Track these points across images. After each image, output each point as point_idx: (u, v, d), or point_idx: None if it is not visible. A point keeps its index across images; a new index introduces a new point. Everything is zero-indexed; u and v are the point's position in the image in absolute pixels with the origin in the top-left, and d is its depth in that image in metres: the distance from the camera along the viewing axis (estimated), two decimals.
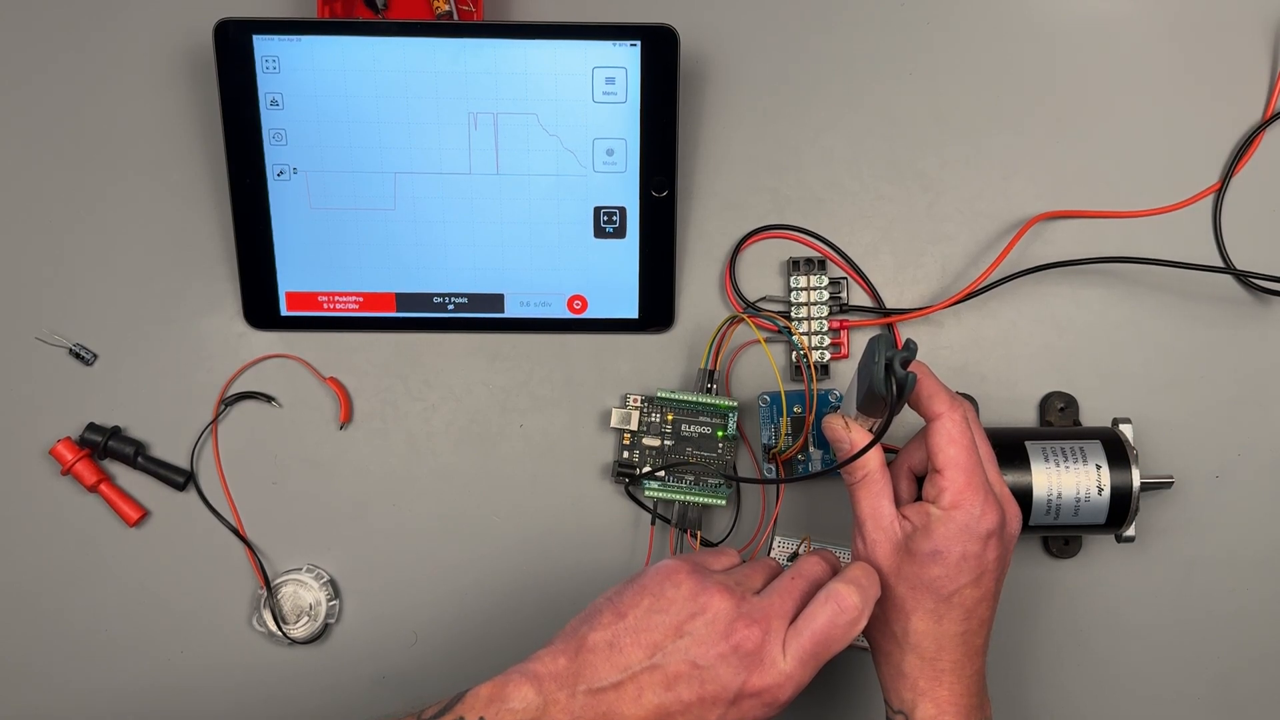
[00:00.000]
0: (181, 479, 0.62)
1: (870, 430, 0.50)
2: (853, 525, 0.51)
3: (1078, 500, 0.56)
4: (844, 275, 0.63)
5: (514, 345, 0.63)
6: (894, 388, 0.46)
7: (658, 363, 0.63)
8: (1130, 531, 0.59)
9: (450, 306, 0.62)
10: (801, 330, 0.62)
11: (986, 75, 0.64)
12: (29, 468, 0.63)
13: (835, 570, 0.51)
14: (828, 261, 0.63)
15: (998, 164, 0.64)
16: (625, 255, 0.62)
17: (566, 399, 0.63)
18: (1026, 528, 0.57)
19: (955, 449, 0.48)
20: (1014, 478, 0.56)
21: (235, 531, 0.63)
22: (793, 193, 0.64)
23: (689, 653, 0.45)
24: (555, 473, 0.63)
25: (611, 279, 0.62)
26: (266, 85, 0.59)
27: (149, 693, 0.63)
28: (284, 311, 0.63)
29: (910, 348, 0.46)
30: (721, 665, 0.45)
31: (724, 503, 0.61)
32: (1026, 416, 0.63)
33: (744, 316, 0.62)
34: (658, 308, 0.63)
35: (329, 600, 0.62)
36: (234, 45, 0.58)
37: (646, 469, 0.62)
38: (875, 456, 0.50)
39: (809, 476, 0.62)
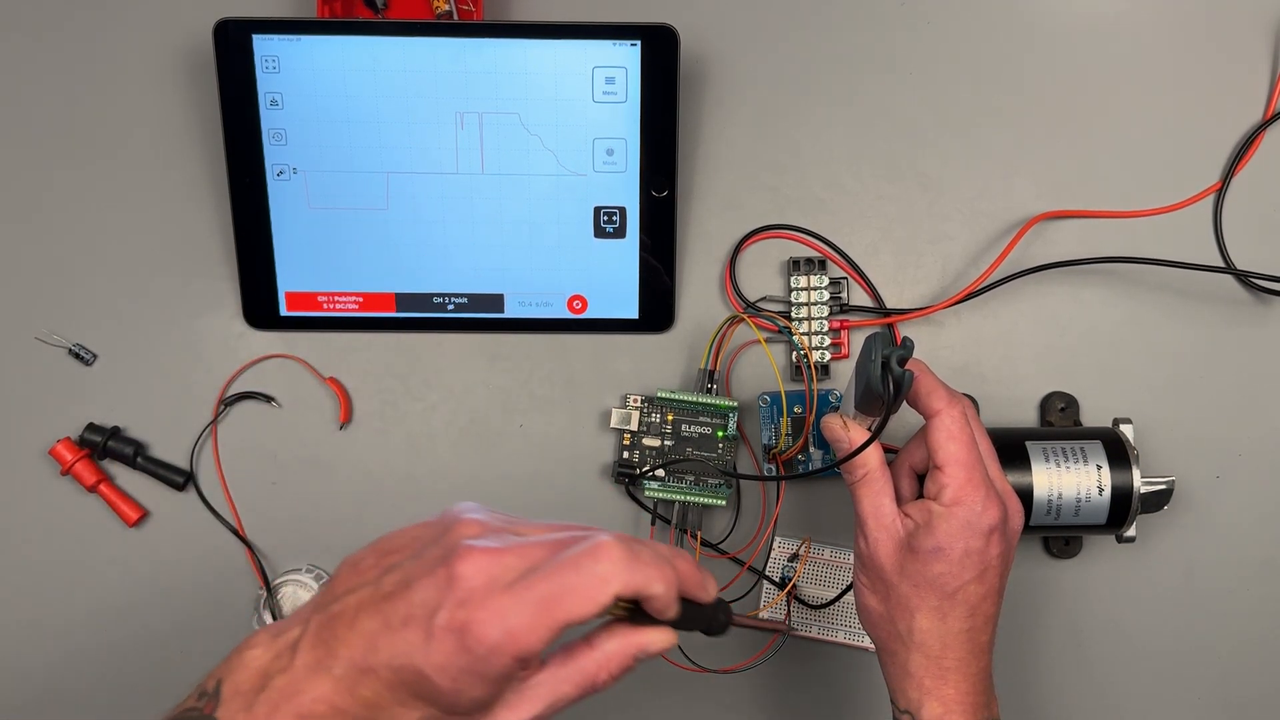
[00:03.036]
0: (181, 479, 0.62)
1: (869, 429, 0.50)
2: (855, 524, 0.51)
3: (1078, 500, 0.56)
4: (844, 275, 0.63)
5: (514, 345, 0.63)
6: (891, 386, 0.46)
7: (658, 363, 0.63)
8: (1131, 532, 0.59)
9: (450, 306, 0.62)
10: (802, 330, 0.62)
11: (987, 75, 0.64)
12: (29, 468, 0.63)
13: None
14: (828, 261, 0.63)
15: (998, 164, 0.64)
16: (625, 255, 0.62)
17: (566, 399, 0.63)
18: (1027, 528, 0.57)
19: (955, 445, 0.48)
20: (1015, 478, 0.56)
21: (235, 531, 0.63)
22: (793, 193, 0.64)
23: (407, 575, 0.38)
24: (555, 473, 0.63)
25: (611, 279, 0.62)
26: (266, 85, 0.59)
27: (149, 693, 0.62)
28: (284, 311, 0.63)
29: (907, 346, 0.46)
30: (431, 589, 0.37)
31: (724, 503, 0.61)
32: (1027, 416, 0.63)
33: (744, 316, 0.62)
34: (658, 308, 0.63)
35: None
36: (234, 45, 0.58)
37: (646, 469, 0.62)
38: (875, 455, 0.50)
39: (809, 475, 0.62)
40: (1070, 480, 0.56)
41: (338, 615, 0.39)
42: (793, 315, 0.63)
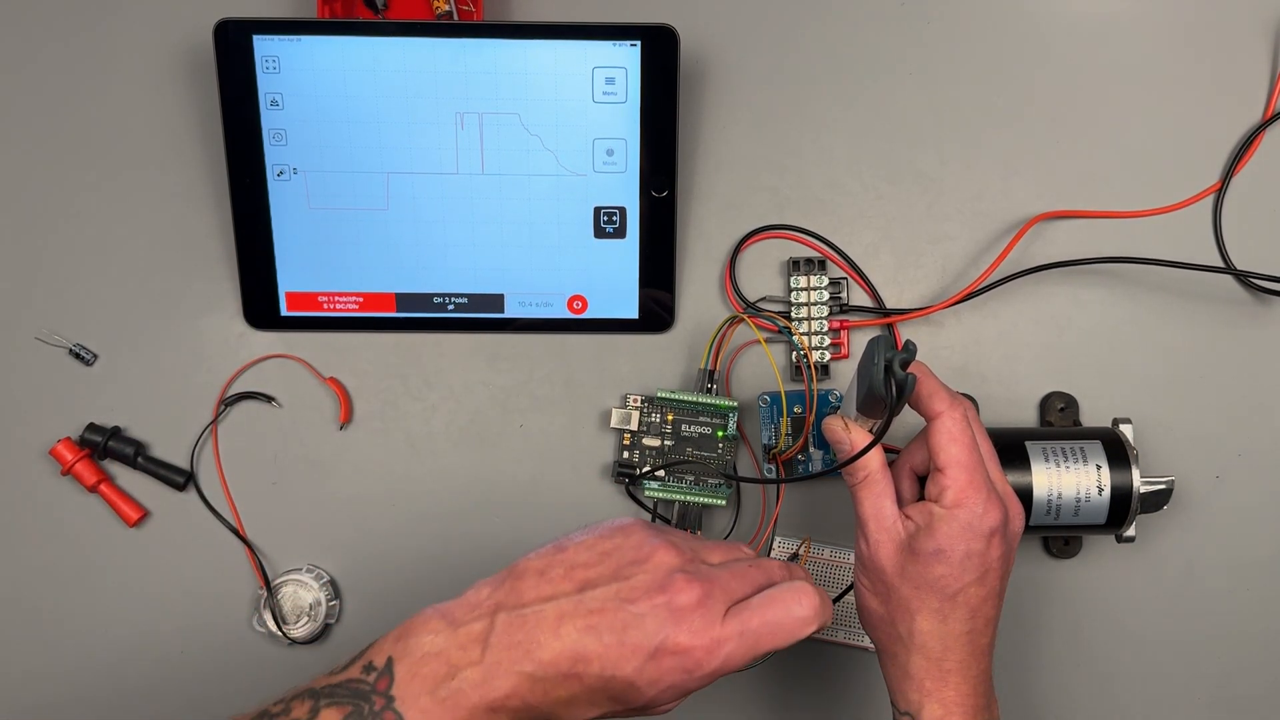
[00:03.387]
0: (181, 479, 0.62)
1: (870, 431, 0.50)
2: (855, 526, 0.51)
3: (1078, 500, 0.56)
4: (844, 275, 0.63)
5: (514, 345, 0.63)
6: (893, 389, 0.46)
7: (658, 363, 0.63)
8: (1130, 531, 0.59)
9: (450, 306, 0.62)
10: (801, 330, 0.62)
11: (987, 75, 0.64)
12: (29, 468, 0.63)
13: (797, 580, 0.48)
14: (828, 261, 0.63)
15: (998, 164, 0.64)
16: (625, 255, 0.62)
17: (566, 399, 0.63)
18: (1027, 528, 0.57)
19: (956, 447, 0.48)
20: (1014, 478, 0.56)
21: (235, 531, 0.63)
22: (793, 193, 0.64)
23: (620, 595, 0.43)
24: (555, 473, 0.63)
25: (611, 279, 0.62)
26: (266, 85, 0.59)
27: (149, 693, 0.63)
28: (284, 311, 0.63)
29: (910, 349, 0.46)
30: (650, 614, 0.42)
31: (724, 503, 0.61)
32: (1026, 416, 0.63)
33: (744, 316, 0.62)
34: (658, 308, 0.63)
35: (329, 600, 0.62)
36: (234, 45, 0.58)
37: (646, 469, 0.62)
38: (876, 457, 0.50)
39: (809, 477, 0.62)
40: (1070, 480, 0.56)
41: (534, 619, 0.42)
42: (793, 315, 0.63)
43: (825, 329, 0.63)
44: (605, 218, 0.61)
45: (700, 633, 0.42)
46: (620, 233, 0.62)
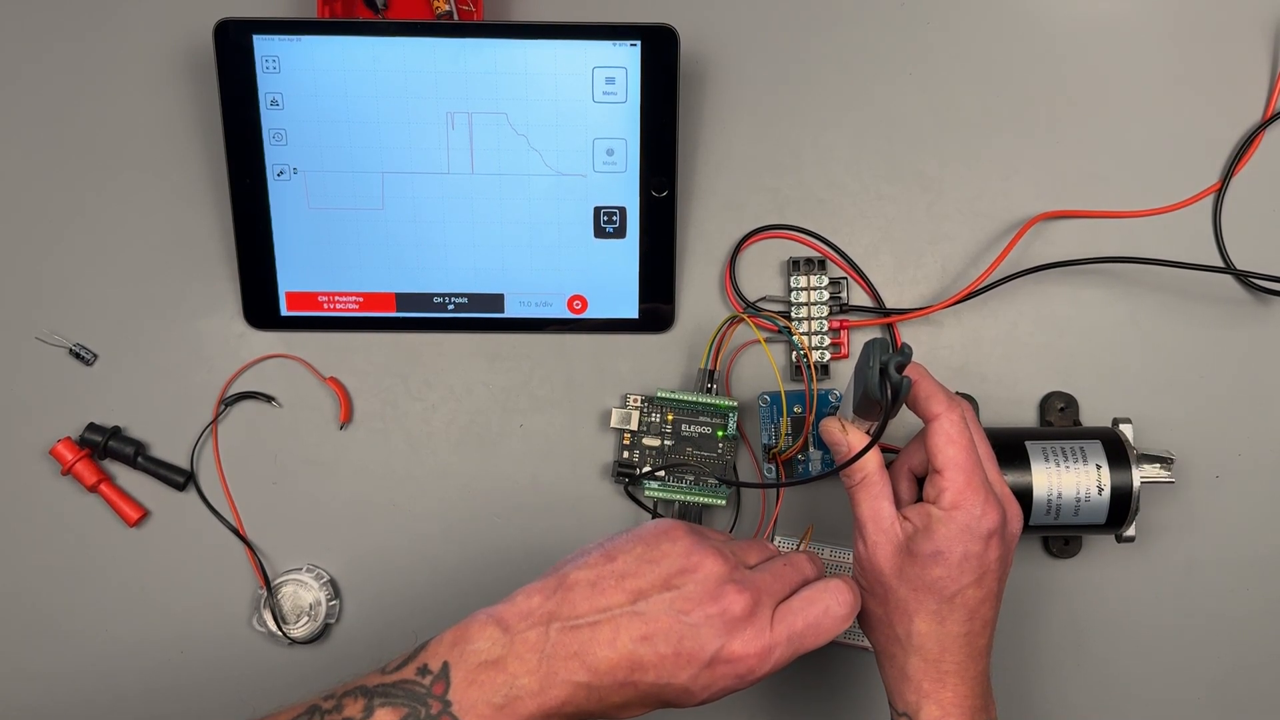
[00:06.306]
0: (181, 479, 0.62)
1: (868, 433, 0.50)
2: (853, 527, 0.51)
3: (1078, 500, 0.56)
4: (844, 275, 0.63)
5: (514, 345, 0.63)
6: (889, 392, 0.46)
7: (658, 363, 0.63)
8: (1130, 531, 0.59)
9: (450, 306, 0.62)
10: (801, 330, 0.62)
11: (987, 75, 0.64)
12: (29, 468, 0.63)
13: (823, 574, 0.50)
14: (828, 261, 0.63)
15: (998, 164, 0.64)
16: (625, 255, 0.62)
17: (566, 399, 0.63)
18: (1027, 528, 0.57)
19: (954, 449, 0.48)
20: (1014, 478, 0.56)
21: (235, 531, 0.63)
22: (793, 193, 0.64)
23: (674, 606, 0.44)
24: (555, 473, 0.63)
25: (611, 279, 0.62)
26: (266, 85, 0.59)
27: (149, 693, 0.63)
28: (284, 311, 0.63)
29: (905, 352, 0.45)
30: (705, 625, 0.44)
31: (724, 502, 0.61)
32: (1026, 416, 0.63)
33: (744, 316, 0.62)
34: (658, 308, 0.63)
35: (329, 600, 0.62)
36: (234, 45, 0.58)
37: (646, 469, 0.62)
38: (874, 458, 0.50)
39: (807, 480, 0.62)
40: (1070, 480, 0.56)
41: (589, 631, 0.44)
42: (793, 315, 0.63)
43: (825, 329, 0.63)
44: (605, 218, 0.61)
45: (752, 641, 0.44)
46: (620, 233, 0.62)
